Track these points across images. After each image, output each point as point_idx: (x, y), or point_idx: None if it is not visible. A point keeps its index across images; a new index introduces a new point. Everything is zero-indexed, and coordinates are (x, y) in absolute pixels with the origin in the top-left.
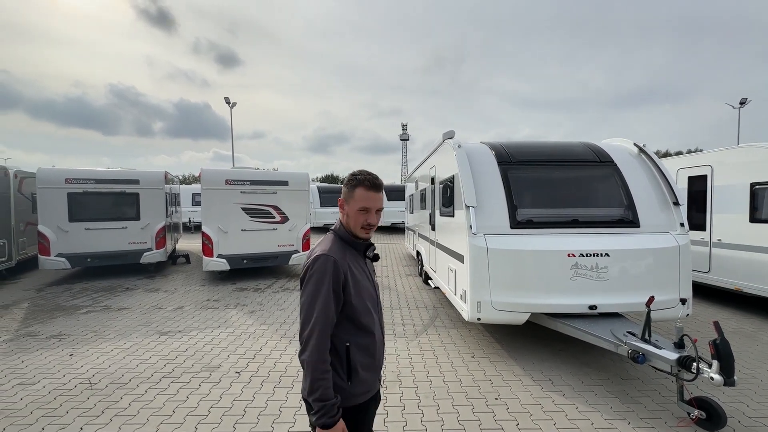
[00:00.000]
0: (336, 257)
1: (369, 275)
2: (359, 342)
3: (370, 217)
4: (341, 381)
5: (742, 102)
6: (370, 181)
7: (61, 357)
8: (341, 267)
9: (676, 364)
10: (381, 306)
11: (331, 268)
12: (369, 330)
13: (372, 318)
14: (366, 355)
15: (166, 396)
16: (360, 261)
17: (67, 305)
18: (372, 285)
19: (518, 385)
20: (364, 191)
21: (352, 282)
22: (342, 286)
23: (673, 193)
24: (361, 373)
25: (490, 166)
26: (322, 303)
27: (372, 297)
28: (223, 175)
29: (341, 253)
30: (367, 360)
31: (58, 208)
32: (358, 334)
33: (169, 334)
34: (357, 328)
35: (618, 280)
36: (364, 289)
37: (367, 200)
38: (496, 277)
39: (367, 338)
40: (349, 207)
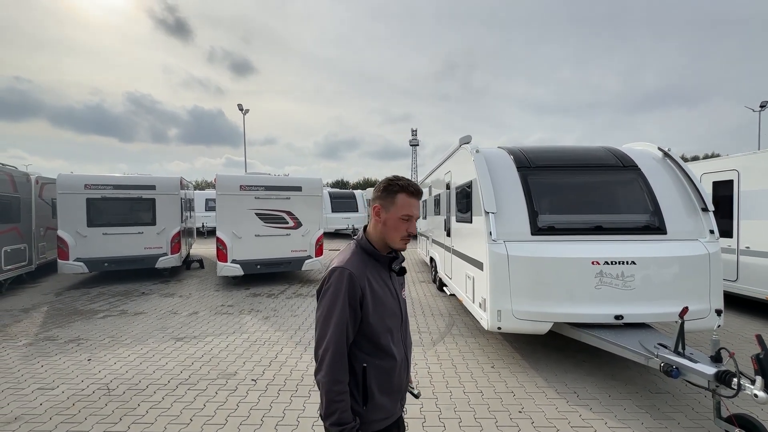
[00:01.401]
0: (353, 270)
1: (393, 290)
2: (377, 363)
3: (411, 226)
4: (356, 405)
5: (762, 105)
6: (413, 187)
7: (80, 362)
8: (358, 281)
9: (715, 380)
10: (407, 323)
11: (346, 282)
12: (388, 351)
13: (393, 338)
14: (384, 378)
15: (182, 404)
16: (384, 275)
17: (84, 309)
18: (397, 301)
19: (542, 398)
20: (407, 197)
21: (371, 298)
22: (359, 303)
23: (701, 198)
24: (378, 398)
25: (509, 171)
26: (337, 319)
27: (395, 315)
28: (237, 181)
29: (361, 266)
30: (385, 384)
31: (77, 213)
32: (376, 355)
33: (184, 340)
34: (375, 349)
35: (645, 289)
36: (385, 307)
37: (410, 207)
38: (517, 284)
39: (385, 360)
40: (389, 214)
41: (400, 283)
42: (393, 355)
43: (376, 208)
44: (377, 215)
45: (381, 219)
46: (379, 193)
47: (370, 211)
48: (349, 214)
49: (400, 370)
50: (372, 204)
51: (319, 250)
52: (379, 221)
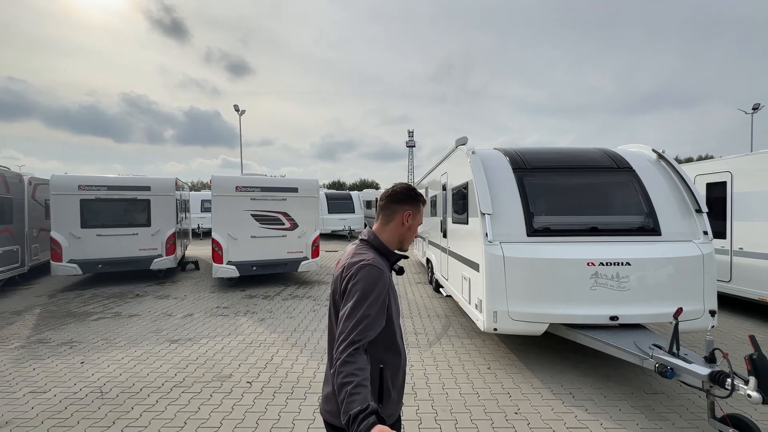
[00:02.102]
0: (383, 268)
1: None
2: (391, 363)
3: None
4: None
5: (755, 107)
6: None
7: (72, 365)
8: (388, 280)
9: (709, 380)
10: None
11: (382, 278)
12: (398, 348)
13: (400, 337)
14: (396, 377)
15: (177, 406)
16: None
17: (78, 311)
18: (398, 300)
19: (538, 399)
20: (423, 208)
21: (393, 297)
22: (388, 302)
23: (695, 200)
24: (392, 396)
25: (504, 173)
26: (375, 316)
27: (400, 314)
28: (233, 182)
29: (385, 264)
30: (396, 382)
31: (71, 214)
32: (390, 355)
33: (179, 342)
34: (390, 348)
35: (640, 290)
36: (396, 306)
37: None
38: (513, 286)
39: (397, 358)
40: (415, 221)
41: (395, 283)
42: (400, 355)
43: (407, 214)
44: (405, 220)
45: (408, 224)
46: (411, 201)
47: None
48: (345, 216)
49: (404, 368)
50: (400, 208)
51: (316, 252)
52: (405, 225)
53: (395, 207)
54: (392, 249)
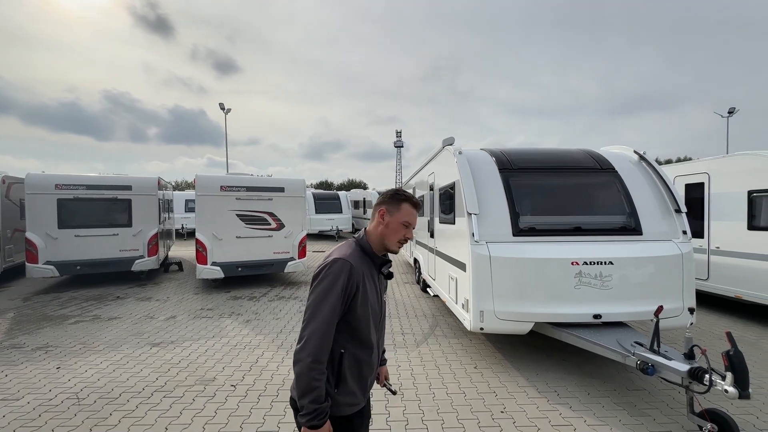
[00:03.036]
0: (354, 263)
1: (378, 291)
2: (354, 352)
3: (409, 232)
4: (329, 386)
5: (730, 111)
6: (416, 200)
7: (48, 370)
8: (356, 274)
9: (688, 376)
10: (384, 324)
11: (347, 272)
12: (366, 343)
13: (371, 332)
14: (358, 366)
15: (157, 412)
16: (375, 275)
17: (54, 315)
18: (379, 302)
19: (523, 398)
20: (410, 207)
21: (362, 292)
22: (352, 294)
23: (675, 200)
24: (350, 384)
25: (491, 173)
26: (331, 305)
27: (376, 313)
28: (218, 181)
29: (359, 262)
30: (357, 372)
31: (47, 214)
32: (354, 344)
33: (161, 345)
34: (354, 338)
35: (622, 289)
36: (371, 303)
37: (411, 216)
38: (499, 285)
39: (361, 351)
40: (393, 218)
41: (384, 287)
42: (370, 347)
43: (381, 211)
44: (381, 218)
45: (384, 222)
46: (386, 199)
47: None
48: (333, 216)
49: (372, 363)
50: (377, 208)
51: (302, 252)
52: (381, 223)
53: (375, 207)
54: (377, 250)
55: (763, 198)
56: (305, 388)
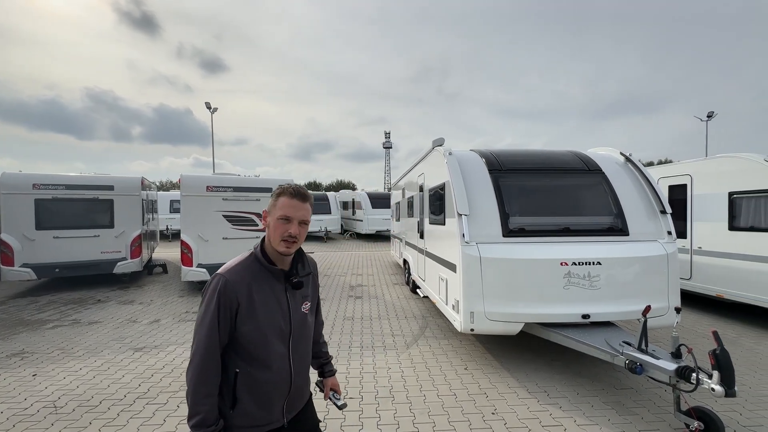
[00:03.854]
0: (230, 277)
1: (285, 303)
2: (250, 372)
3: (291, 227)
4: (224, 406)
5: (709, 115)
6: (294, 189)
7: (23, 378)
8: (233, 289)
9: (675, 375)
10: (302, 339)
11: (220, 289)
12: (263, 363)
13: (271, 350)
14: (255, 387)
15: (140, 420)
16: (276, 286)
17: (31, 319)
18: (287, 315)
19: (514, 398)
20: (287, 199)
21: (248, 308)
22: (234, 310)
23: (660, 201)
24: (246, 405)
25: (480, 174)
26: (208, 324)
27: (278, 328)
28: (204, 182)
29: (243, 274)
30: (257, 393)
31: (24, 215)
32: (250, 364)
33: (144, 350)
34: (249, 358)
35: (610, 289)
36: (265, 318)
37: (289, 208)
38: (489, 286)
39: (259, 371)
40: (272, 215)
41: (303, 296)
42: (268, 367)
43: (264, 213)
44: (265, 220)
45: (266, 222)
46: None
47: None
48: (321, 216)
49: (279, 383)
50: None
51: None
52: (265, 224)
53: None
54: (276, 258)
55: (743, 199)
56: (190, 411)
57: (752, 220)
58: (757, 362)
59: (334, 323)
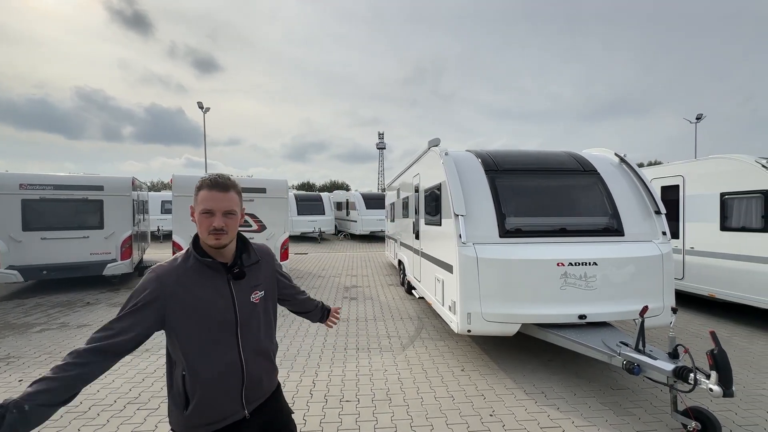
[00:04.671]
0: (161, 274)
1: (229, 295)
2: (195, 369)
3: (215, 220)
4: (177, 409)
5: (698, 117)
6: (212, 181)
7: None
8: (161, 287)
9: (673, 375)
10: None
11: (150, 285)
12: (208, 356)
13: (215, 342)
14: (204, 383)
15: (131, 426)
16: (216, 281)
17: (17, 323)
18: (231, 307)
19: (512, 400)
20: (207, 192)
21: (178, 308)
22: (162, 307)
23: (654, 202)
24: (198, 403)
25: (477, 174)
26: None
27: (221, 319)
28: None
29: (176, 270)
30: (206, 389)
31: (11, 216)
32: (194, 360)
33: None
34: (192, 354)
35: (606, 289)
36: (204, 313)
37: (210, 201)
38: (486, 287)
39: (205, 365)
40: (196, 211)
41: (251, 285)
42: (214, 360)
43: (191, 207)
44: (192, 216)
45: (194, 218)
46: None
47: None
48: (315, 217)
49: (228, 375)
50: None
51: (285, 255)
52: (194, 220)
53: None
54: (215, 253)
55: (735, 200)
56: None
57: (743, 220)
58: (750, 361)
59: None
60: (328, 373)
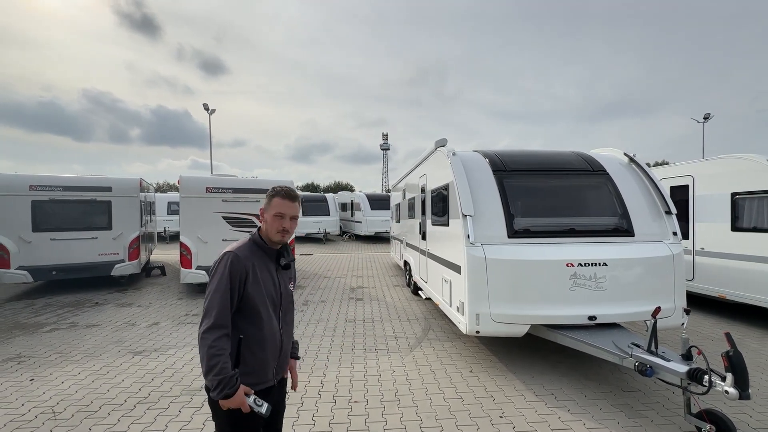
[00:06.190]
0: (238, 254)
1: (276, 280)
2: (251, 335)
3: (284, 222)
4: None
5: (706, 117)
6: (285, 192)
7: (20, 383)
8: (242, 263)
9: (687, 377)
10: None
11: (233, 262)
12: (262, 326)
13: (268, 315)
14: (255, 349)
15: (141, 425)
16: (270, 266)
17: (28, 323)
18: (278, 290)
19: (521, 401)
20: (280, 200)
21: (252, 278)
22: (243, 280)
23: (665, 202)
24: (247, 365)
25: (485, 175)
26: (222, 291)
27: (273, 300)
28: (203, 183)
29: (247, 253)
30: (256, 354)
31: (21, 217)
32: (251, 328)
33: (143, 354)
34: (252, 319)
35: (616, 290)
36: (264, 289)
37: (282, 207)
38: (494, 288)
39: (259, 333)
40: (267, 214)
41: (289, 278)
42: (265, 330)
43: (261, 210)
44: (261, 216)
45: (263, 218)
46: (264, 200)
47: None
48: (320, 218)
49: (272, 346)
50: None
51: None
52: (262, 220)
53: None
54: (271, 244)
55: (746, 200)
56: (208, 366)
57: (755, 220)
58: (763, 363)
59: (336, 325)
60: (336, 374)
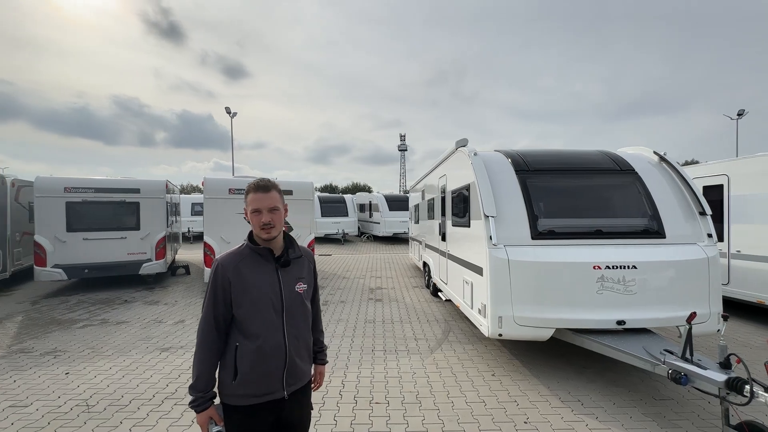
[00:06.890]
0: (222, 262)
1: (276, 281)
2: (248, 344)
3: (263, 216)
4: (227, 378)
5: (739, 113)
6: (255, 185)
7: (56, 376)
8: (224, 272)
9: (725, 387)
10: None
11: (215, 272)
12: (257, 336)
13: (265, 321)
14: (254, 358)
15: (169, 420)
16: (266, 267)
17: (62, 319)
18: (278, 292)
19: (546, 407)
20: (252, 195)
21: (239, 288)
22: (227, 290)
23: (698, 202)
24: (246, 375)
25: (507, 175)
26: (206, 303)
27: (270, 301)
28: (226, 184)
29: (235, 259)
30: (255, 364)
31: (56, 217)
32: (247, 337)
33: (170, 350)
34: (246, 331)
35: (646, 294)
36: (257, 293)
37: (255, 202)
38: (518, 290)
39: (256, 342)
40: (248, 210)
41: (297, 277)
42: (264, 338)
43: (245, 209)
44: (246, 215)
45: (248, 217)
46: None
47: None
48: (339, 219)
49: (275, 354)
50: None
51: None
52: (247, 219)
53: None
54: (260, 242)
55: None
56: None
57: None
58: None
59: (356, 326)
60: (357, 375)
